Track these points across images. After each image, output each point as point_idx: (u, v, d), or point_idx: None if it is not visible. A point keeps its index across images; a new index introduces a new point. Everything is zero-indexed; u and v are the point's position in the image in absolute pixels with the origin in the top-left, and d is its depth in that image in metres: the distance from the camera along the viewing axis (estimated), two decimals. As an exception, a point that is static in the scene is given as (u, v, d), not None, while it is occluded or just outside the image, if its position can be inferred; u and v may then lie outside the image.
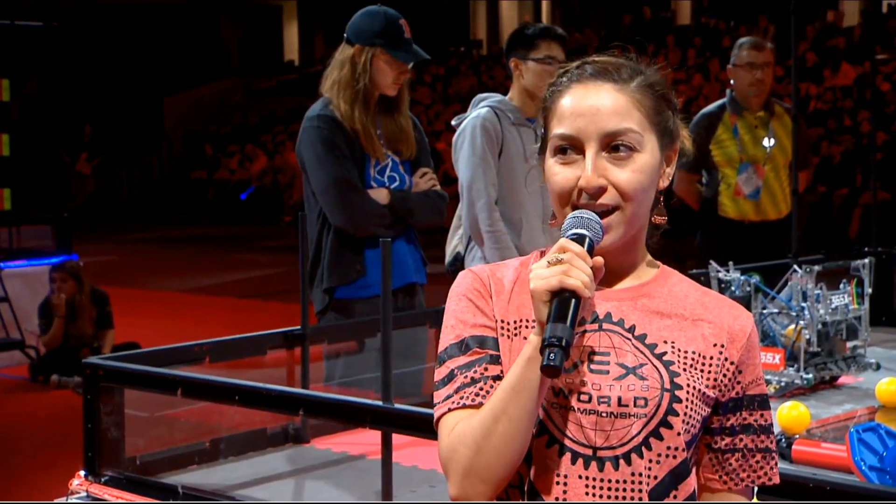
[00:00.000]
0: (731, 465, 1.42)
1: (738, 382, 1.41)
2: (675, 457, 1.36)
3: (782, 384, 3.42)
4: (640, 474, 1.35)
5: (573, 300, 1.29)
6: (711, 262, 3.69)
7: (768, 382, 3.43)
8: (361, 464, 2.87)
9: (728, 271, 3.63)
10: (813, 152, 11.85)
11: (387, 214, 3.31)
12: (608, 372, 1.37)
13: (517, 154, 3.63)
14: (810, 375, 3.40)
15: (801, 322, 3.44)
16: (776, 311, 3.52)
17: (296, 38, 26.30)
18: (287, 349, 3.16)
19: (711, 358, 1.40)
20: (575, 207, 1.39)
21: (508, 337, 1.41)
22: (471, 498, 1.34)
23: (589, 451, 1.35)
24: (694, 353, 1.39)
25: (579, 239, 1.34)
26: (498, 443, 1.32)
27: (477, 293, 1.43)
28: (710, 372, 1.40)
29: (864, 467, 2.43)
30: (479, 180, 3.53)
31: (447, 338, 1.43)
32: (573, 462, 1.35)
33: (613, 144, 1.39)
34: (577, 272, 1.30)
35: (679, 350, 1.39)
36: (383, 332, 2.32)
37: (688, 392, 1.37)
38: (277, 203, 17.86)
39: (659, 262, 1.50)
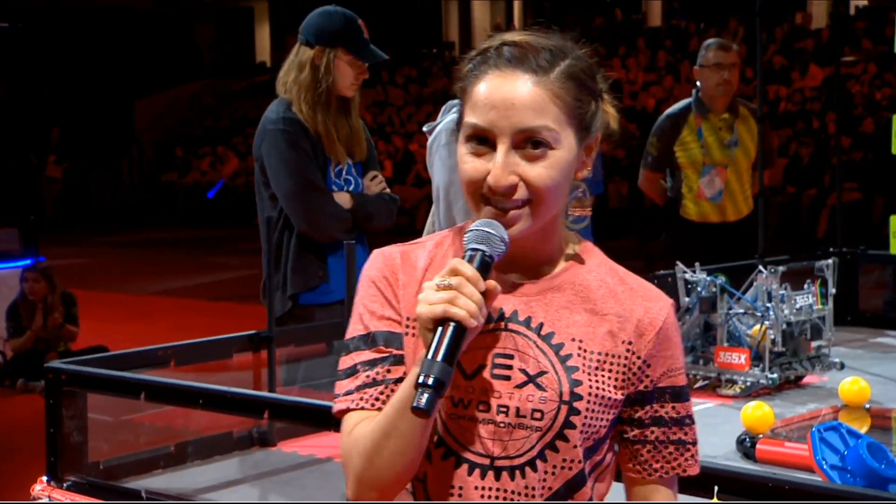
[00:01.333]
0: (642, 456, 1.40)
1: (647, 376, 1.38)
2: (570, 468, 1.35)
3: (748, 384, 3.44)
4: (534, 487, 1.33)
5: (458, 330, 1.26)
6: (678, 263, 3.71)
7: (733, 382, 3.46)
8: (328, 466, 2.86)
9: (694, 272, 3.65)
10: (781, 153, 11.97)
11: (349, 219, 3.31)
12: (510, 378, 1.34)
13: None
14: (775, 375, 3.42)
15: (766, 322, 3.47)
16: (742, 311, 3.55)
17: (267, 40, 26.19)
18: (253, 352, 3.14)
19: (618, 356, 1.37)
20: (485, 199, 1.34)
21: (413, 335, 1.37)
22: (363, 501, 1.34)
23: (487, 461, 1.34)
24: (601, 353, 1.36)
25: (475, 258, 1.30)
26: (388, 457, 1.31)
27: (385, 282, 1.39)
28: (617, 371, 1.37)
29: (825, 466, 2.45)
30: (457, 182, 3.55)
31: (355, 326, 1.39)
32: (469, 473, 1.34)
33: (528, 143, 1.32)
34: (465, 300, 1.26)
35: (585, 351, 1.35)
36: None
37: (588, 402, 1.34)
38: (249, 205, 17.79)
39: (581, 244, 1.43)
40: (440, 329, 1.26)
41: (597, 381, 1.35)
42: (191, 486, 2.76)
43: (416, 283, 1.38)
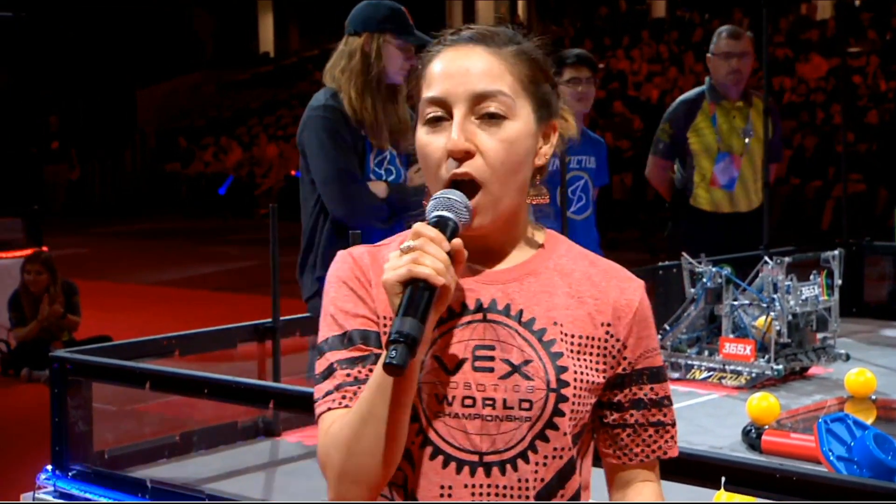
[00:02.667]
0: (622, 440, 1.38)
1: (625, 358, 1.36)
2: (561, 457, 1.32)
3: (753, 375, 3.43)
4: (527, 479, 1.31)
5: (426, 291, 1.22)
6: (684, 254, 3.70)
7: (739, 373, 3.45)
8: (333, 457, 2.86)
9: (700, 263, 3.64)
10: (786, 145, 11.94)
11: (384, 208, 3.31)
12: (493, 370, 1.30)
13: None
14: (781, 366, 3.42)
15: (772, 313, 3.46)
16: (747, 302, 3.54)
17: (270, 31, 26.15)
18: (258, 342, 3.14)
19: (598, 339, 1.35)
20: (443, 182, 1.31)
21: (387, 333, 1.31)
22: (347, 499, 1.29)
23: (475, 458, 1.30)
24: (581, 336, 1.34)
25: (440, 221, 1.27)
26: (368, 444, 1.26)
27: (357, 281, 1.35)
28: (598, 355, 1.35)
29: (832, 457, 2.44)
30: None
31: (328, 328, 1.35)
32: (458, 471, 1.30)
33: (484, 110, 1.30)
34: (430, 259, 1.22)
35: (567, 335, 1.33)
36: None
37: (575, 388, 1.32)
38: (252, 196, 17.78)
39: (546, 232, 1.43)
40: (408, 290, 1.23)
41: (581, 366, 1.33)
42: (196, 475, 2.76)
43: None
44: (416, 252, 1.23)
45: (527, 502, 1.30)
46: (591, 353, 1.34)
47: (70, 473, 2.63)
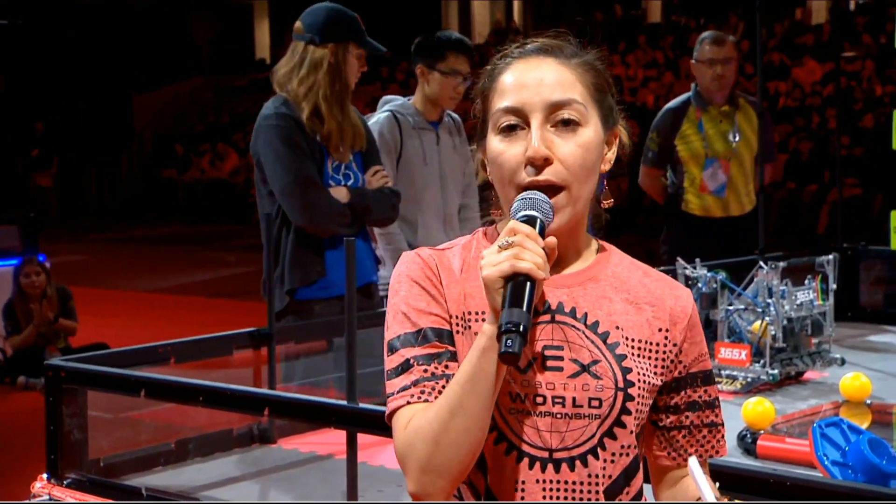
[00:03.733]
0: (678, 441, 1.43)
1: (681, 362, 1.42)
2: (628, 454, 1.37)
3: (748, 380, 3.44)
4: (597, 475, 1.35)
5: (528, 283, 1.26)
6: (679, 259, 3.71)
7: (734, 378, 3.46)
8: (328, 464, 2.86)
9: (695, 268, 3.65)
10: (781, 149, 11.96)
11: (347, 213, 3.30)
12: (562, 369, 1.36)
13: (416, 157, 3.80)
14: (776, 371, 3.42)
15: (767, 318, 3.47)
16: (742, 307, 3.55)
17: (267, 37, 26.16)
18: (254, 349, 3.14)
19: (658, 344, 1.41)
20: (520, 188, 1.36)
21: (461, 332, 1.38)
22: (429, 492, 1.32)
23: (545, 454, 1.35)
24: (641, 341, 1.40)
25: (529, 220, 1.31)
26: (455, 437, 1.29)
27: (429, 281, 1.39)
28: (657, 359, 1.40)
29: (826, 462, 2.44)
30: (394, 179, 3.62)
31: (400, 325, 1.38)
32: (531, 467, 1.34)
33: (559, 117, 1.37)
34: (529, 254, 1.27)
35: (628, 339, 1.39)
36: (348, 331, 2.31)
37: (639, 388, 1.37)
38: (248, 202, 17.78)
39: (599, 241, 1.48)
40: (510, 284, 1.26)
41: (643, 368, 1.39)
42: (191, 483, 2.76)
43: (457, 283, 1.40)
44: (516, 248, 1.27)
45: (596, 501, 1.34)
46: (650, 357, 1.40)
47: (65, 482, 2.63)
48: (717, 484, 1.38)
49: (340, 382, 3.10)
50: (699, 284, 3.60)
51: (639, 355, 1.39)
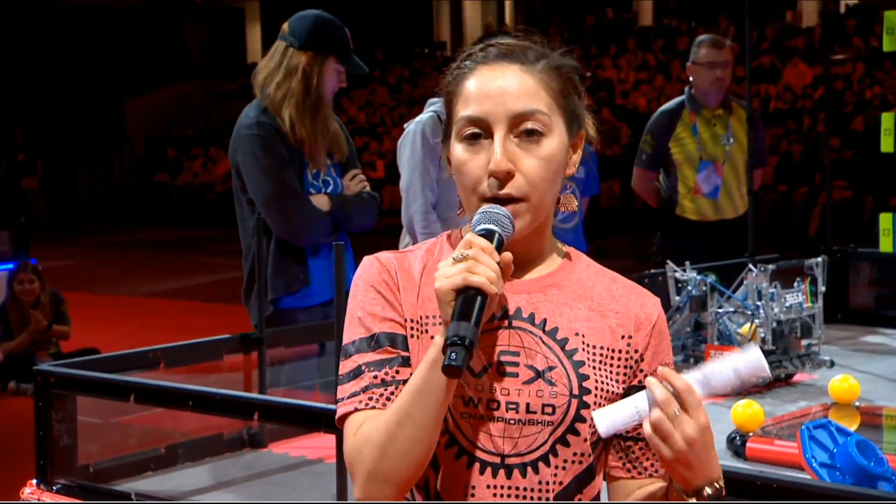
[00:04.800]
0: (633, 453, 1.41)
1: (642, 370, 1.40)
2: (581, 462, 1.36)
3: (738, 382, 3.45)
4: (548, 482, 1.34)
5: (478, 297, 1.26)
6: (668, 261, 3.72)
7: (724, 381, 3.46)
8: (319, 468, 2.86)
9: (685, 271, 3.65)
10: (772, 151, 11.99)
11: (329, 221, 3.29)
12: (517, 375, 1.35)
13: None
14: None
15: (757, 320, 3.48)
16: (732, 310, 3.55)
17: (259, 41, 26.15)
18: (244, 353, 3.14)
19: (620, 351, 1.39)
20: (481, 199, 1.35)
21: (416, 336, 1.37)
22: (376, 499, 1.32)
23: (497, 460, 1.34)
24: (603, 348, 1.38)
25: (487, 234, 1.31)
26: (403, 447, 1.29)
27: (385, 286, 1.39)
28: (619, 367, 1.39)
29: (815, 464, 2.45)
30: (416, 183, 3.58)
31: (355, 330, 1.38)
32: (482, 472, 1.34)
33: (523, 128, 1.35)
34: (482, 268, 1.26)
35: (589, 346, 1.38)
36: (337, 335, 2.31)
37: (596, 396, 1.36)
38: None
39: (566, 248, 1.47)
40: (461, 297, 1.26)
41: (602, 375, 1.37)
42: (181, 488, 2.76)
43: (415, 287, 1.39)
44: (470, 261, 1.27)
45: (545, 503, 1.34)
46: (611, 364, 1.39)
47: (55, 487, 2.62)
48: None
49: (328, 386, 3.10)
50: (689, 287, 3.61)
51: (600, 362, 1.37)
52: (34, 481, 2.65)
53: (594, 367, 1.37)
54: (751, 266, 3.59)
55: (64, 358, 6.41)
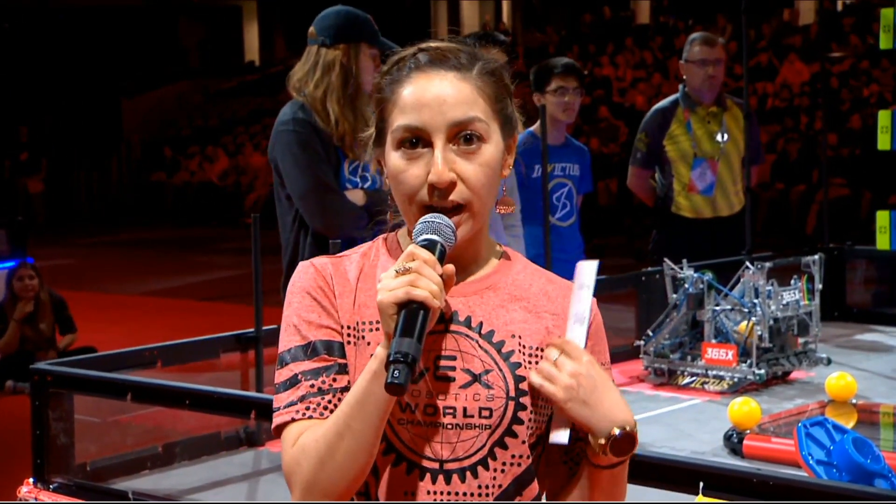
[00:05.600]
0: (573, 450, 1.40)
1: None
2: (519, 465, 1.35)
3: (735, 380, 3.45)
4: (487, 486, 1.34)
5: (421, 312, 1.25)
6: (665, 259, 3.72)
7: (721, 378, 3.47)
8: (316, 466, 2.86)
9: (682, 269, 3.66)
10: (769, 149, 11.99)
11: (364, 216, 3.31)
12: (454, 379, 1.34)
13: None
14: (762, 371, 3.44)
15: (754, 318, 3.48)
16: (729, 307, 3.56)
17: (256, 39, 26.13)
18: (241, 352, 3.14)
19: None
20: (421, 208, 1.34)
21: (353, 343, 1.36)
22: None
23: (436, 465, 1.33)
24: (539, 349, 1.37)
25: (429, 245, 1.30)
26: (342, 459, 1.28)
27: (321, 291, 1.37)
28: None
29: (811, 462, 2.45)
30: None
31: (291, 338, 1.36)
32: (421, 478, 1.33)
33: (462, 136, 1.34)
34: (426, 282, 1.25)
35: (525, 347, 1.37)
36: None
37: (533, 397, 1.35)
38: (238, 205, 17.76)
39: (502, 248, 1.46)
40: (404, 312, 1.25)
41: None
42: (178, 486, 2.76)
43: (351, 293, 1.38)
44: (413, 275, 1.26)
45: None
46: None
47: (52, 486, 2.63)
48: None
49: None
50: (686, 285, 3.61)
51: (536, 363, 1.36)
52: (31, 480, 2.65)
53: (530, 369, 1.36)
54: (748, 264, 3.60)
55: (60, 357, 6.41)
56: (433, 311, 1.27)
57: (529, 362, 1.36)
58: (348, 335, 1.36)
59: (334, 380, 1.34)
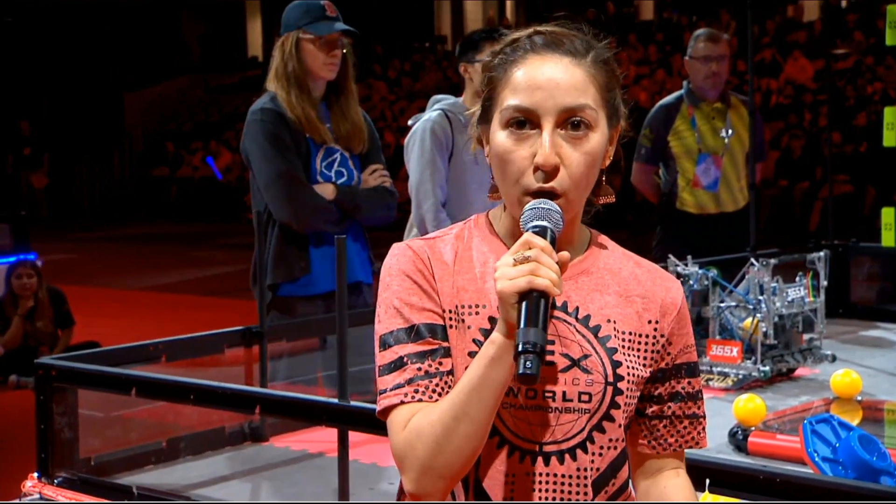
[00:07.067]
0: (658, 431, 1.44)
1: (669, 353, 1.43)
2: (615, 448, 1.38)
3: (740, 377, 3.44)
4: (586, 468, 1.36)
5: (542, 301, 1.25)
6: (670, 256, 3.71)
7: (726, 375, 3.46)
8: (320, 461, 2.86)
9: (686, 265, 3.65)
10: (773, 146, 11.97)
11: (333, 210, 3.29)
12: (554, 364, 1.36)
13: (468, 156, 3.70)
14: (767, 368, 3.43)
15: (758, 315, 3.47)
16: (734, 304, 3.55)
17: (259, 34, 26.11)
18: (245, 347, 3.14)
19: (647, 336, 1.41)
20: (526, 192, 1.34)
21: (454, 326, 1.37)
22: (428, 493, 1.32)
23: (535, 447, 1.35)
24: (631, 333, 1.40)
25: (541, 232, 1.30)
26: (459, 442, 1.30)
27: (420, 274, 1.38)
28: (646, 351, 1.41)
29: (817, 459, 2.45)
30: (427, 182, 3.57)
31: (392, 320, 1.37)
32: (521, 460, 1.35)
33: (571, 120, 1.34)
34: (546, 270, 1.26)
35: (619, 332, 1.39)
36: (339, 329, 2.31)
37: (628, 382, 1.38)
38: (240, 200, 17.76)
39: (590, 231, 1.47)
40: (525, 302, 1.26)
41: (632, 361, 1.39)
42: (182, 481, 2.76)
43: (450, 276, 1.39)
44: (532, 264, 1.26)
45: (583, 501, 1.35)
46: (639, 349, 1.40)
47: (56, 480, 2.62)
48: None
49: (329, 380, 3.10)
50: (690, 282, 3.60)
51: (629, 348, 1.39)
52: (35, 474, 2.65)
53: (625, 353, 1.39)
54: (752, 260, 3.59)
55: (64, 351, 6.41)
56: (551, 300, 1.28)
57: (624, 347, 1.39)
58: (450, 318, 1.37)
59: (440, 363, 1.35)
